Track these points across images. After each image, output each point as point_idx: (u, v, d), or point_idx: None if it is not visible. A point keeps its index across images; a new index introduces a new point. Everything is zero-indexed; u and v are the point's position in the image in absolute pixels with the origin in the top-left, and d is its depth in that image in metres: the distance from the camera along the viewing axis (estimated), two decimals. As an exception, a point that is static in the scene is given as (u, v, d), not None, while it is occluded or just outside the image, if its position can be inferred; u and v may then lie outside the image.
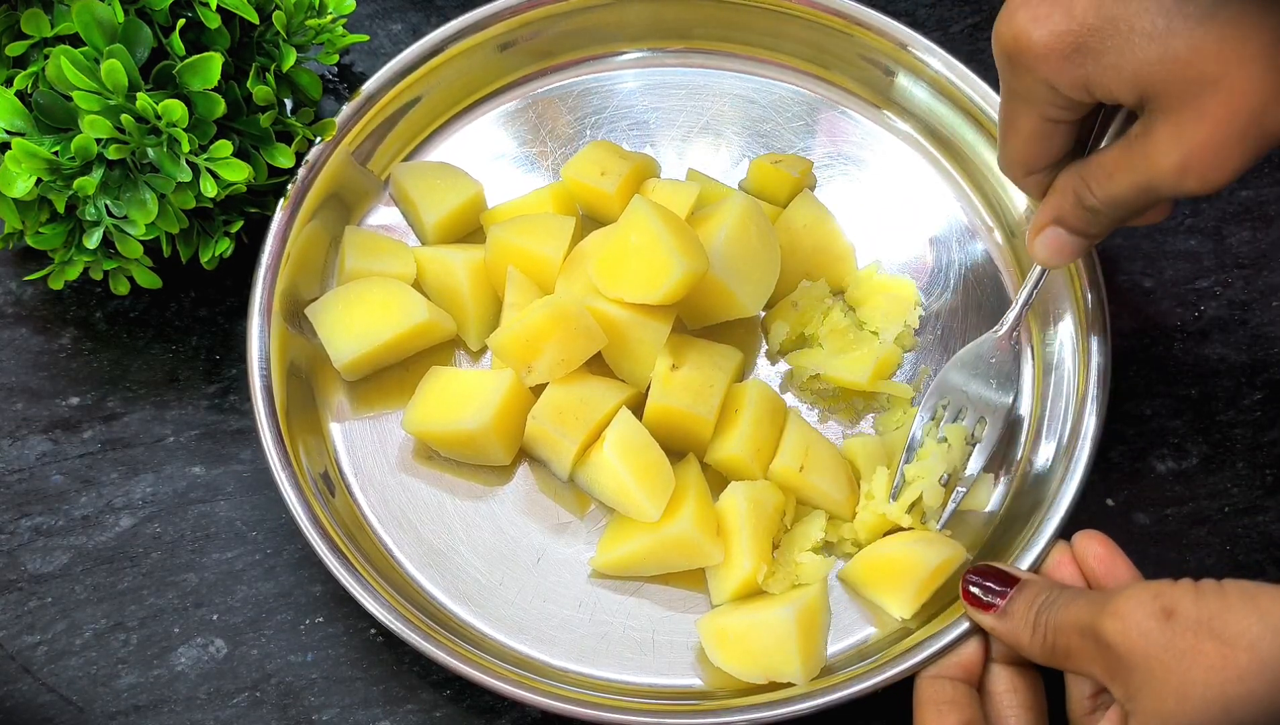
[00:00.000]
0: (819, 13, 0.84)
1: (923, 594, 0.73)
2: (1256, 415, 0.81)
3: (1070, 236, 0.66)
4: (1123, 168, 0.60)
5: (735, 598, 0.73)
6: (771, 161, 0.83)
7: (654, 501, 0.72)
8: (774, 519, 0.74)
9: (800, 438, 0.75)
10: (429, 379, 0.77)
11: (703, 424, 0.74)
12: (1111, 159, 0.61)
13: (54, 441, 0.79)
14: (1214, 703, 0.56)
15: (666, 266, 0.71)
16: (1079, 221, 0.65)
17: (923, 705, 0.68)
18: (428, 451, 0.78)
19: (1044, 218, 0.67)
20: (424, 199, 0.81)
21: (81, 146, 0.69)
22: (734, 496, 0.73)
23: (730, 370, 0.76)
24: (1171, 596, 0.58)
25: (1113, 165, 0.61)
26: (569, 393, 0.74)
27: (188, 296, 0.82)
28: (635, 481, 0.72)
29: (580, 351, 0.74)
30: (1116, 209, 0.63)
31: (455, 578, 0.75)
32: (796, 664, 0.70)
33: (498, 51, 0.85)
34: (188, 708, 0.73)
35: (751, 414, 0.74)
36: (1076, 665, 0.62)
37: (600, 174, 0.80)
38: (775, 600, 0.72)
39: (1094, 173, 0.62)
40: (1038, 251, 0.68)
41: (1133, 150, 0.60)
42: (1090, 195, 0.63)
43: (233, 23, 0.75)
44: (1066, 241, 0.67)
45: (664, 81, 0.88)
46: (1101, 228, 0.65)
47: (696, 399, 0.74)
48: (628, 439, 0.73)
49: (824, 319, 0.80)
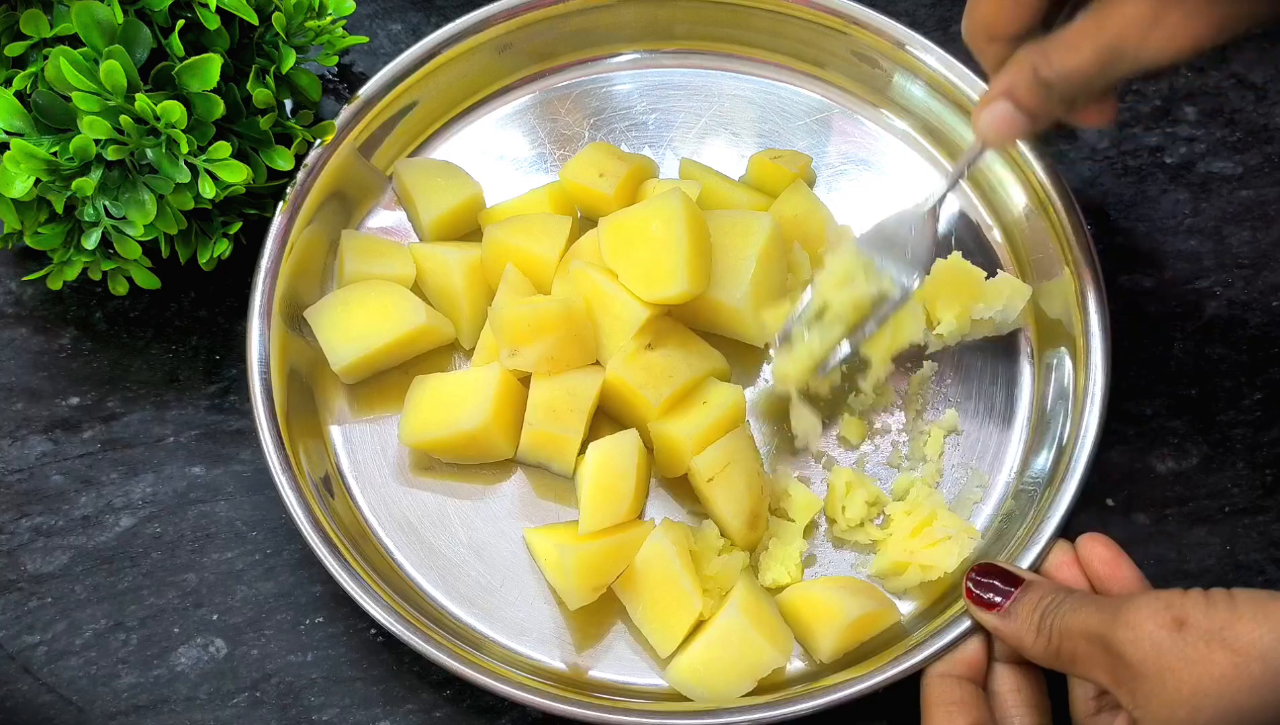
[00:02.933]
0: (817, 12, 0.84)
1: (844, 643, 0.72)
2: (1256, 415, 0.81)
3: (1017, 113, 0.64)
4: (1086, 35, 0.58)
5: (685, 639, 0.72)
6: (771, 157, 0.83)
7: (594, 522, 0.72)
8: (687, 549, 0.73)
9: (726, 453, 0.74)
10: (416, 388, 0.77)
11: (646, 407, 0.74)
12: (1075, 30, 0.59)
13: (54, 441, 0.79)
14: (1227, 713, 0.56)
15: (669, 276, 0.72)
16: (1030, 96, 0.63)
17: (932, 706, 0.68)
18: (426, 462, 0.77)
19: (995, 91, 0.64)
20: (423, 196, 0.81)
21: (80, 147, 0.69)
22: (659, 543, 0.72)
23: (702, 369, 0.76)
24: (1183, 607, 0.58)
25: (1076, 34, 0.59)
26: (552, 389, 0.74)
27: (188, 296, 0.82)
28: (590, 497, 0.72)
29: (571, 357, 0.74)
30: (1072, 82, 0.61)
31: (457, 580, 0.75)
32: (768, 651, 0.70)
33: (496, 54, 0.85)
34: (188, 708, 0.73)
35: (710, 412, 0.74)
36: (1082, 670, 0.62)
37: (599, 175, 0.80)
38: (714, 615, 0.72)
39: (1055, 45, 0.60)
40: (982, 125, 0.65)
41: (1096, 16, 0.58)
42: (1048, 66, 0.61)
43: (232, 24, 0.75)
44: (1013, 118, 0.64)
45: (662, 82, 0.88)
46: (1051, 106, 0.63)
47: (649, 382, 0.74)
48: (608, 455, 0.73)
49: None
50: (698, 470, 0.73)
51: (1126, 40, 0.57)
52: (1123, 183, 0.87)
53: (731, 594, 0.72)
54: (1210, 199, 0.86)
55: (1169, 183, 0.87)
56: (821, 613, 0.72)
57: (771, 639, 0.71)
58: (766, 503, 0.76)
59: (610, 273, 0.74)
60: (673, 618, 0.71)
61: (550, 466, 0.77)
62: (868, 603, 0.72)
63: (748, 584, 0.73)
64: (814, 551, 0.77)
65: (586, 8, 0.85)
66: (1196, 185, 0.87)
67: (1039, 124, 0.64)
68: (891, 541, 0.75)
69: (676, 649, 0.72)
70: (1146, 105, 0.89)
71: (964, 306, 0.79)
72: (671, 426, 0.74)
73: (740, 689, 0.70)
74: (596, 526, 0.71)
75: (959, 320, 0.79)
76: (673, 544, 0.71)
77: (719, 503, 0.73)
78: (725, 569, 0.73)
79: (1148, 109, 0.89)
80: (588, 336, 0.75)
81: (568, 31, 0.86)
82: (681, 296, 0.72)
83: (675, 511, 0.77)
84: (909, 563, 0.74)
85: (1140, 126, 0.88)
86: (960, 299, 0.79)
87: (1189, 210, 0.86)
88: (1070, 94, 0.62)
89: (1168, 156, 0.88)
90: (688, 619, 0.71)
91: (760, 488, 0.75)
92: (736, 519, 0.74)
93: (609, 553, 0.71)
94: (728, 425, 0.74)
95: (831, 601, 0.72)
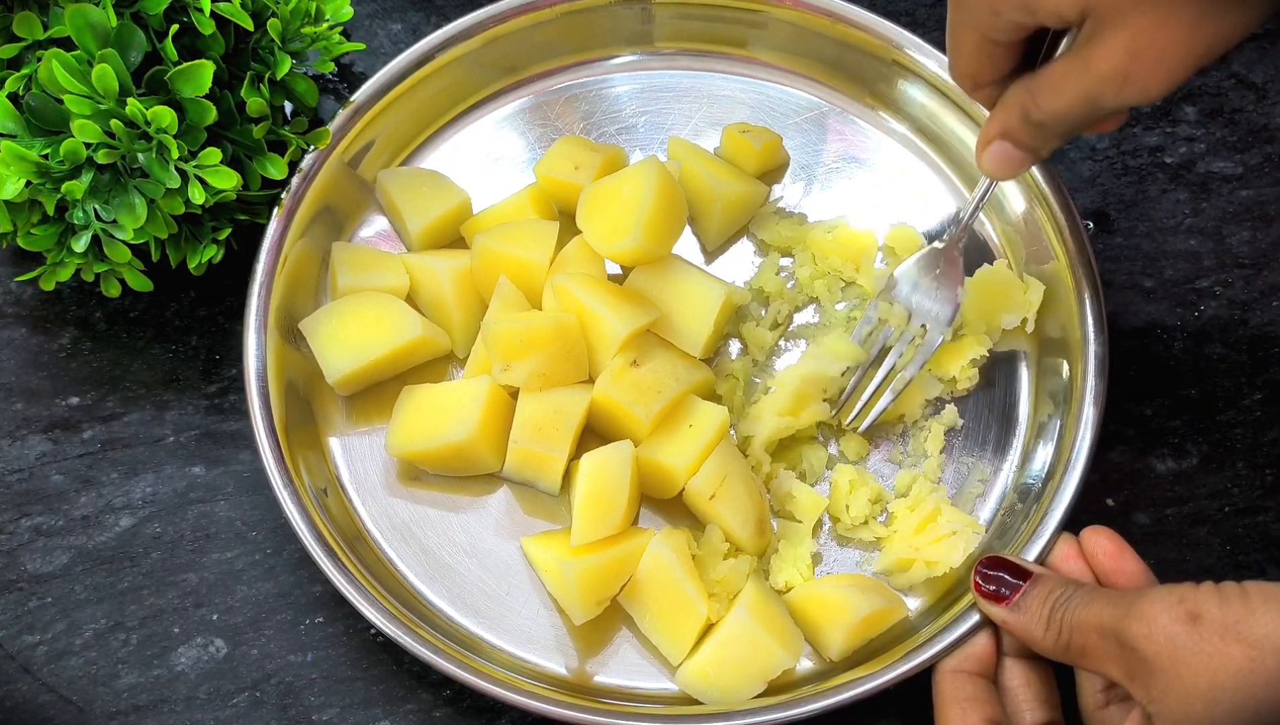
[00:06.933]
0: (812, 14, 0.84)
1: (853, 640, 0.72)
2: (1256, 415, 0.81)
3: (1017, 150, 0.65)
4: (1068, 81, 0.59)
5: (694, 644, 0.72)
6: (740, 131, 0.83)
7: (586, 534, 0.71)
8: (688, 555, 0.73)
9: (720, 467, 0.74)
10: (405, 399, 0.76)
11: (637, 425, 0.74)
12: (1058, 73, 0.60)
13: (54, 441, 0.79)
14: (1244, 706, 0.56)
15: (625, 231, 0.73)
16: (1026, 136, 0.64)
17: (945, 704, 0.68)
18: (414, 472, 0.77)
19: (991, 132, 0.66)
20: (409, 206, 0.81)
21: (70, 150, 0.69)
22: (660, 552, 0.72)
23: (689, 383, 0.76)
24: (1196, 600, 0.59)
25: (1059, 79, 0.60)
26: (539, 406, 0.74)
27: (187, 297, 0.82)
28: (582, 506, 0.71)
29: (563, 373, 0.74)
30: (1062, 123, 0.62)
31: (461, 589, 0.75)
32: (778, 653, 0.70)
33: (488, 58, 0.85)
34: (188, 708, 0.73)
35: (699, 435, 0.74)
36: (1092, 664, 0.63)
37: (574, 168, 0.80)
38: (722, 618, 0.72)
39: (1041, 87, 0.61)
40: (985, 164, 0.67)
41: (1075, 62, 0.59)
42: (1037, 109, 0.62)
43: (228, 29, 0.74)
44: (1014, 155, 0.66)
45: (652, 85, 0.87)
46: (1048, 141, 0.64)
47: (638, 399, 0.73)
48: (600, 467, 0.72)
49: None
50: (697, 491, 0.73)
51: (1107, 86, 0.58)
52: (1123, 183, 0.87)
53: (740, 596, 0.72)
54: (1210, 199, 0.86)
55: (1169, 183, 0.87)
56: (830, 611, 0.72)
57: (781, 640, 0.71)
58: (767, 505, 0.76)
59: (591, 286, 0.74)
60: (680, 625, 0.71)
61: (536, 485, 0.77)
62: (876, 600, 0.72)
63: (756, 586, 0.73)
64: (819, 550, 0.77)
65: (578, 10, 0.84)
66: (1196, 185, 0.87)
67: (1042, 155, 0.66)
68: (896, 538, 0.75)
69: (687, 655, 0.72)
70: (1146, 105, 0.89)
71: (994, 318, 0.80)
72: (662, 453, 0.74)
73: (751, 691, 0.71)
74: (589, 538, 0.71)
75: (990, 330, 0.80)
76: (673, 552, 0.71)
77: (725, 516, 0.73)
78: (732, 573, 0.73)
79: (1148, 109, 0.89)
80: (580, 352, 0.75)
81: (557, 36, 0.86)
82: (634, 251, 0.73)
83: (674, 519, 0.77)
84: (914, 559, 0.74)
85: (1140, 126, 0.88)
86: (994, 310, 0.80)
87: (1189, 210, 0.86)
88: (1064, 131, 0.63)
89: (1168, 156, 0.87)
90: (695, 625, 0.71)
91: (759, 492, 0.75)
92: (745, 528, 0.73)
93: (611, 565, 0.71)
94: (715, 444, 0.74)
95: (840, 599, 0.72)
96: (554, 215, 0.82)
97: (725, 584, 0.73)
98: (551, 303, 0.76)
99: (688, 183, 0.81)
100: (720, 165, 0.83)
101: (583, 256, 0.77)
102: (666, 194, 0.74)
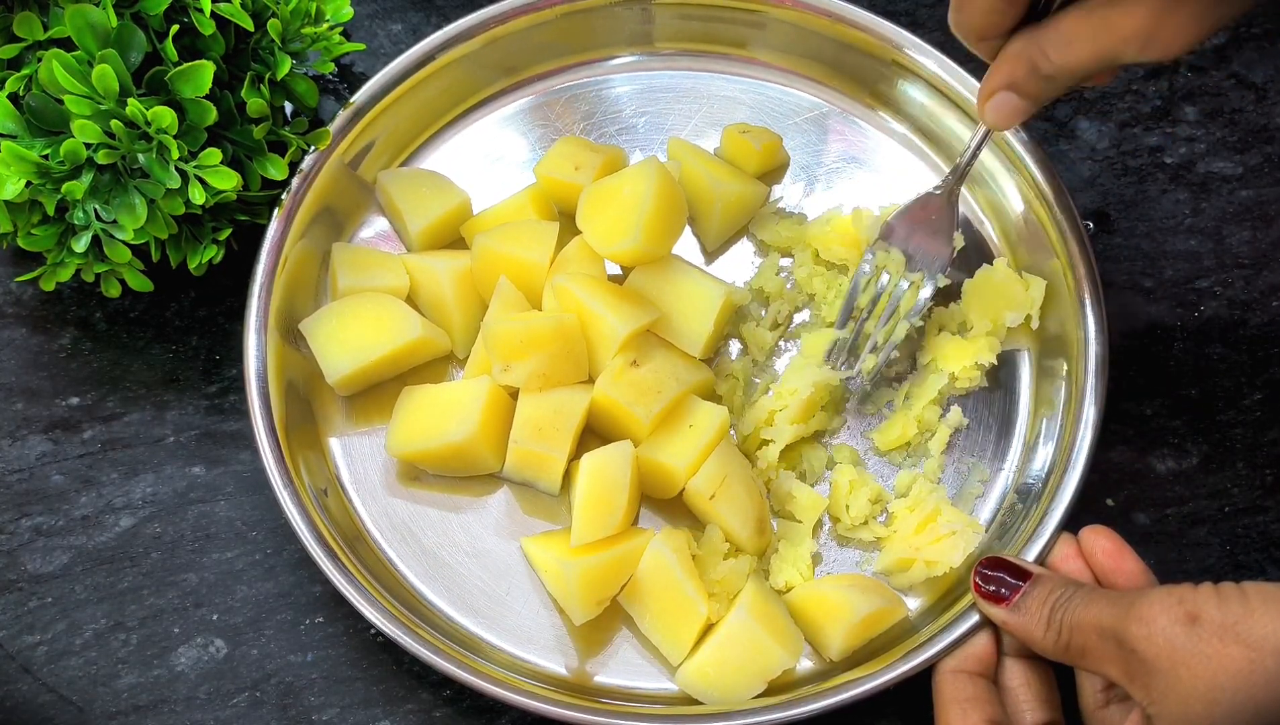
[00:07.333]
0: (812, 14, 0.84)
1: (853, 640, 0.72)
2: (1256, 415, 0.81)
3: (1020, 100, 0.66)
4: (1083, 35, 0.59)
5: (694, 644, 0.72)
6: (740, 131, 0.84)
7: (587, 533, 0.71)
8: (688, 555, 0.73)
9: (720, 467, 0.74)
10: (404, 399, 0.77)
11: (637, 425, 0.74)
12: (1070, 26, 0.60)
13: (54, 441, 0.79)
14: (1244, 707, 0.56)
15: (625, 232, 0.73)
16: (1033, 88, 0.64)
17: (946, 704, 0.68)
18: (414, 472, 0.77)
19: (996, 83, 0.66)
20: (409, 207, 0.81)
21: (70, 151, 0.69)
22: (660, 553, 0.72)
23: (689, 383, 0.76)
24: (1195, 601, 0.59)
25: (1072, 33, 0.60)
26: (540, 406, 0.74)
27: (187, 297, 0.82)
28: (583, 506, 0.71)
29: (563, 373, 0.74)
30: (1073, 76, 0.62)
31: (461, 589, 0.75)
32: (778, 653, 0.70)
33: (489, 59, 0.85)
34: (188, 708, 0.73)
35: (699, 435, 0.74)
36: (1092, 664, 0.63)
37: (574, 169, 0.80)
38: (722, 618, 0.72)
39: (1051, 40, 0.61)
40: (989, 116, 0.67)
41: (1094, 17, 0.59)
42: (1048, 62, 0.62)
43: (228, 30, 0.74)
44: (1018, 105, 0.66)
45: (653, 85, 0.88)
46: (1054, 93, 0.65)
47: (638, 399, 0.73)
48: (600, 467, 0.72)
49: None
50: (697, 491, 0.73)
51: (1129, 45, 0.57)
52: (1123, 183, 0.87)
53: (740, 597, 0.72)
54: (1210, 199, 0.86)
55: (1169, 183, 0.87)
56: (830, 611, 0.72)
57: (781, 640, 0.71)
58: (767, 505, 0.76)
59: (591, 286, 0.74)
60: (680, 626, 0.71)
61: (536, 485, 0.77)
62: (876, 600, 0.72)
63: (756, 586, 0.73)
64: (819, 550, 0.77)
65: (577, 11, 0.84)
66: (1196, 185, 0.87)
67: (1042, 105, 0.66)
68: (896, 538, 0.75)
69: (687, 655, 0.72)
70: (1146, 105, 0.89)
71: (998, 317, 0.79)
72: (662, 453, 0.74)
73: (751, 691, 0.71)
74: (589, 538, 0.71)
75: (995, 329, 0.80)
76: (673, 552, 0.71)
77: (726, 516, 0.73)
78: (732, 573, 0.73)
79: (1148, 109, 0.89)
80: (580, 353, 0.75)
81: (557, 37, 0.86)
82: (634, 251, 0.73)
83: (674, 519, 0.77)
84: (914, 559, 0.74)
85: (1140, 126, 0.88)
86: (997, 309, 0.79)
87: (1189, 210, 0.86)
88: (1073, 84, 0.63)
89: (1168, 156, 0.87)
90: (695, 625, 0.71)
91: (758, 492, 0.75)
92: (745, 528, 0.73)
93: (611, 565, 0.71)
94: (715, 444, 0.74)
95: (840, 599, 0.72)
96: (554, 216, 0.82)
97: (725, 584, 0.73)
98: (551, 303, 0.76)
99: (688, 183, 0.82)
100: (720, 165, 0.83)
101: (583, 257, 0.77)
102: (666, 194, 0.74)
